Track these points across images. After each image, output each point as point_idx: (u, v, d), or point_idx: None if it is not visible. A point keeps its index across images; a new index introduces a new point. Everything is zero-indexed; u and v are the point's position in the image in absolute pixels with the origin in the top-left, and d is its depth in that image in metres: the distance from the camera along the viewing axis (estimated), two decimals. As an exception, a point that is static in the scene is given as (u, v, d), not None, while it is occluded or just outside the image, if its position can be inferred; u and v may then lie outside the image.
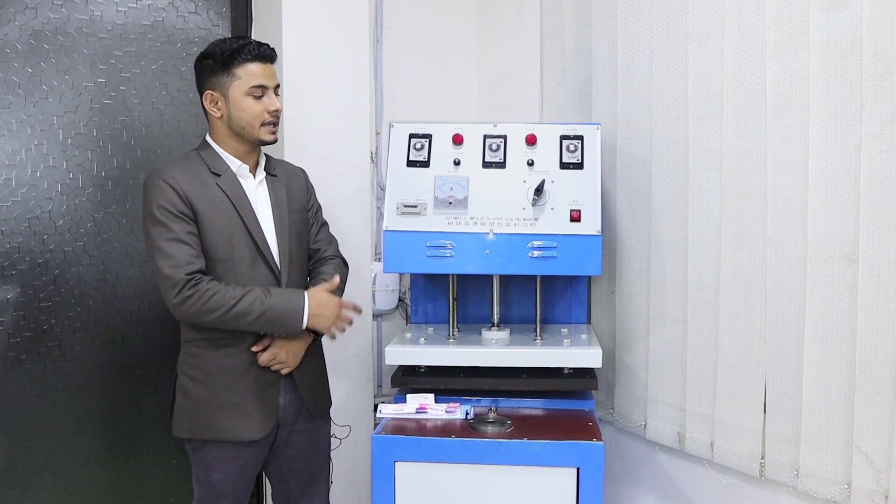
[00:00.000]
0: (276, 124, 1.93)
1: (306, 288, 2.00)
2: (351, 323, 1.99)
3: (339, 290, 2.03)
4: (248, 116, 1.88)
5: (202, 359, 1.90)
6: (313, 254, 2.09)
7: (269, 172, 2.01)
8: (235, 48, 1.89)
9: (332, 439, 2.18)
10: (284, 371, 1.93)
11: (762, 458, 1.79)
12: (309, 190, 2.12)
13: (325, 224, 2.15)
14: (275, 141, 1.94)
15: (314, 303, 1.87)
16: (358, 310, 2.00)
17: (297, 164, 2.14)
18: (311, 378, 2.01)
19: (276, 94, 1.93)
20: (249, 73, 1.87)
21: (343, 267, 2.12)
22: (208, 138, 1.96)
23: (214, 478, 1.91)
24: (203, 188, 1.88)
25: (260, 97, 1.88)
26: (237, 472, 1.92)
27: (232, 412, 1.88)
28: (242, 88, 1.87)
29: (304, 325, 1.86)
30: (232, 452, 1.90)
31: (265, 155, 2.04)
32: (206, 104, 1.93)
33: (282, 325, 1.85)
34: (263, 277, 1.91)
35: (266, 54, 1.91)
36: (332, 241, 2.15)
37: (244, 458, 1.92)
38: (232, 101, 1.89)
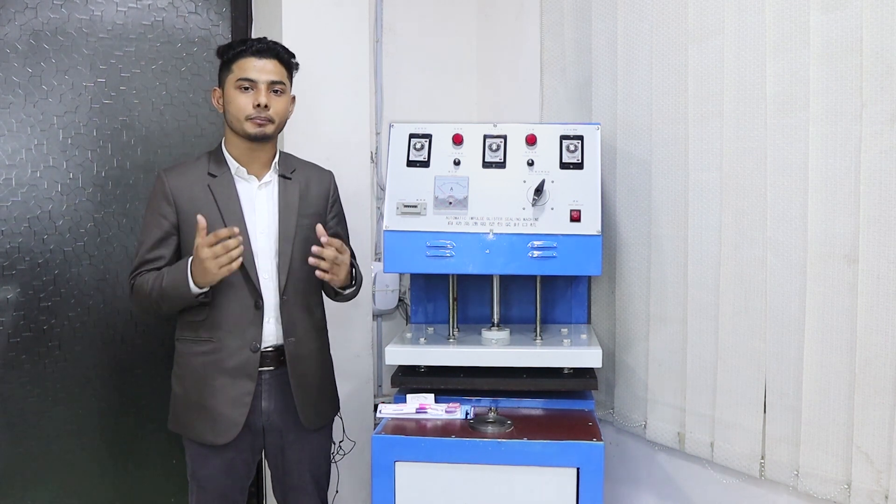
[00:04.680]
0: (265, 119, 1.88)
1: (321, 294, 2.05)
2: (235, 249, 1.72)
3: (344, 293, 2.00)
4: (233, 109, 1.89)
5: (181, 356, 1.94)
6: None
7: (284, 174, 1.98)
8: (233, 44, 1.92)
9: (336, 451, 2.19)
10: (329, 277, 1.85)
11: (762, 458, 1.79)
12: (331, 196, 2.07)
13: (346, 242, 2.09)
14: (260, 136, 1.89)
15: (193, 261, 1.75)
16: (232, 233, 1.72)
17: None
18: (311, 387, 1.96)
19: (275, 92, 1.90)
20: (240, 66, 1.89)
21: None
22: (223, 140, 1.99)
23: (200, 474, 1.93)
24: (194, 190, 1.89)
25: (247, 90, 1.88)
26: (221, 471, 1.91)
27: (198, 413, 1.88)
28: (232, 81, 1.89)
29: (194, 286, 1.76)
30: (211, 451, 1.90)
31: (284, 154, 2.03)
32: (213, 100, 1.97)
33: (181, 298, 1.81)
34: (246, 283, 1.88)
35: (260, 49, 1.89)
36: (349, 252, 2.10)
37: (226, 458, 1.91)
38: (226, 95, 1.92)
